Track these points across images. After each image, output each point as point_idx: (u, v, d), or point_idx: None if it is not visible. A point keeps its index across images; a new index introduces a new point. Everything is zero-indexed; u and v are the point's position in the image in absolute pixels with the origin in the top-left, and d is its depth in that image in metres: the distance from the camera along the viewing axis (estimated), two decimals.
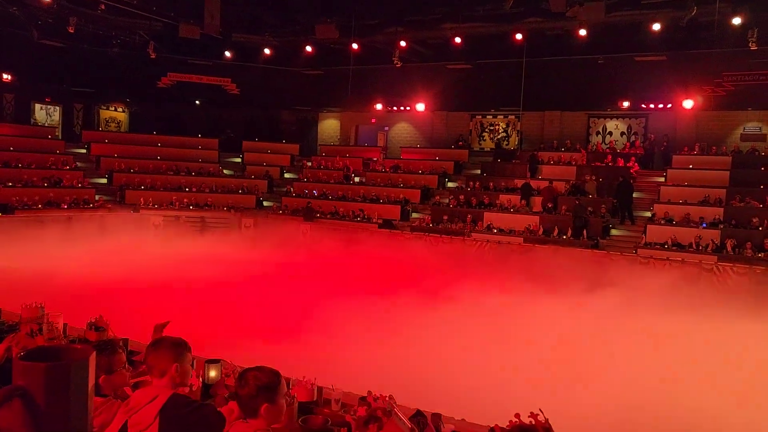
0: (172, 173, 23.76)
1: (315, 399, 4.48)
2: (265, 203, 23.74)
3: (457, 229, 18.88)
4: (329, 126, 28.66)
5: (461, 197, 20.66)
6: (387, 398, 5.58)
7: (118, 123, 27.56)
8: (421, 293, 12.98)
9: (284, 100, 27.81)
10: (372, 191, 22.40)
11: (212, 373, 4.24)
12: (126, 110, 27.73)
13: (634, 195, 18.57)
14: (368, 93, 25.80)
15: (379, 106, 26.08)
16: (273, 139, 27.10)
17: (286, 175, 25.71)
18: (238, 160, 26.04)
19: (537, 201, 19.33)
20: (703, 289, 13.85)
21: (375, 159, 25.26)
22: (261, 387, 2.49)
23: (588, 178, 19.65)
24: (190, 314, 9.35)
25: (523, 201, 19.45)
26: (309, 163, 25.74)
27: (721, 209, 17.03)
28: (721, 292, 13.86)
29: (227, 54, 25.21)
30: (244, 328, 9.76)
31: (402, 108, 26.10)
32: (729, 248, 15.48)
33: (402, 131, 26.58)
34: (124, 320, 5.40)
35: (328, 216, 21.50)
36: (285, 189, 24.31)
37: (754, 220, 16.15)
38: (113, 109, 27.38)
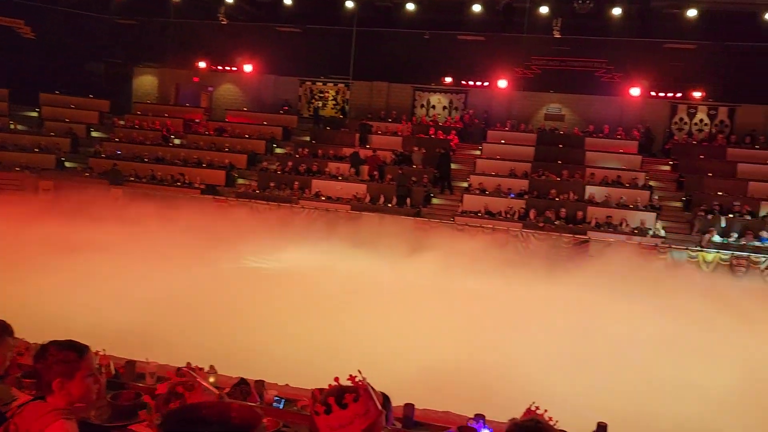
0: None
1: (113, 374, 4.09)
2: (67, 164, 21.22)
3: (285, 197, 18.54)
4: (146, 82, 26.35)
5: (289, 164, 20.28)
6: (207, 369, 5.26)
7: None
8: (244, 261, 12.55)
9: (92, 50, 24.92)
10: (194, 155, 21.11)
11: None
12: None
13: (454, 166, 19.65)
14: (191, 49, 24.14)
15: (202, 65, 24.55)
16: (78, 93, 24.21)
17: (94, 134, 23.23)
18: (35, 114, 22.94)
19: (366, 169, 19.63)
20: (509, 253, 15.11)
21: (197, 121, 23.80)
22: (59, 361, 2.17)
23: (415, 149, 20.40)
24: None
25: (352, 169, 19.64)
26: (122, 122, 23.48)
27: (527, 181, 18.70)
28: (524, 256, 15.25)
29: None
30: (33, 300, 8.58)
31: (228, 68, 24.83)
32: (532, 217, 17.08)
33: (227, 93, 25.32)
34: None
35: (144, 180, 19.86)
36: (93, 149, 21.95)
37: (552, 192, 17.98)
38: None
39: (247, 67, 24.12)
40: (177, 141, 22.48)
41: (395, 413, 4.52)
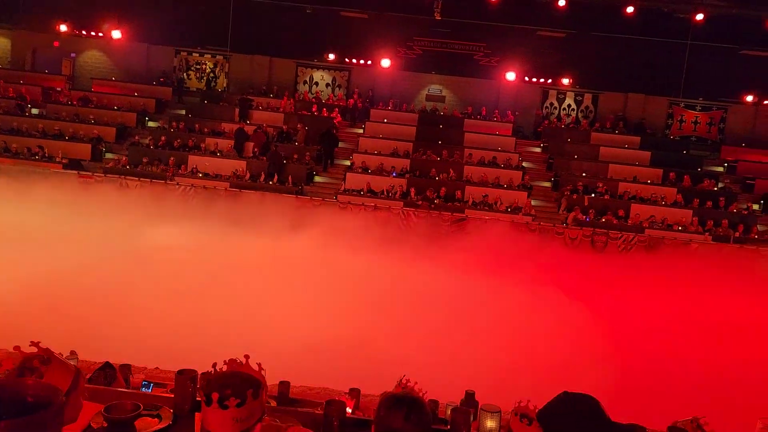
0: None
1: None
2: None
3: (159, 173, 17.54)
4: None
5: (163, 138, 19.18)
6: (67, 354, 4.81)
7: None
8: (110, 240, 11.74)
9: None
10: (55, 126, 19.33)
11: None
12: None
13: (339, 144, 19.58)
14: (50, 10, 21.98)
15: (64, 28, 22.45)
16: None
17: None
18: None
19: (249, 146, 19.01)
20: (390, 231, 15.31)
21: (59, 89, 21.80)
22: None
23: (299, 126, 20.02)
24: None
25: (236, 146, 18.91)
26: None
27: (408, 161, 19.01)
28: (404, 233, 15.52)
29: None
30: None
31: (94, 33, 22.90)
32: (413, 195, 17.42)
33: (93, 60, 23.38)
34: None
35: None
36: None
37: (433, 171, 18.43)
38: None
39: (116, 33, 22.37)
40: (35, 111, 20.45)
41: (271, 391, 4.42)
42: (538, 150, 21.03)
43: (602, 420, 1.77)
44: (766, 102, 21.85)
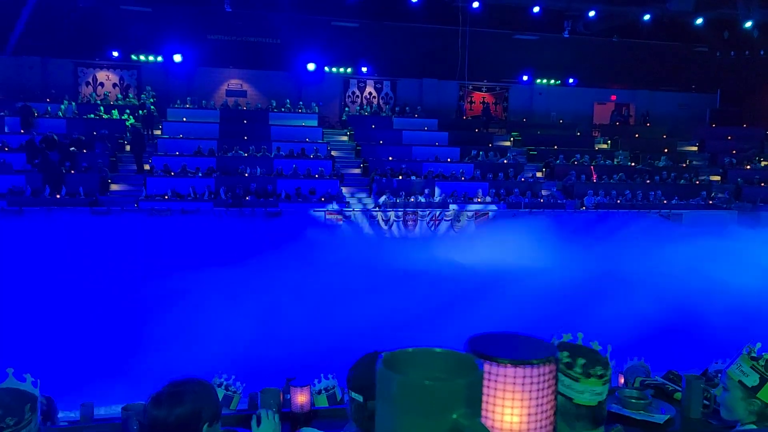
0: None
1: None
2: None
3: None
4: None
5: None
6: None
7: None
8: None
9: None
10: None
11: None
12: None
13: None
14: None
15: None
16: None
17: None
18: None
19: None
20: (201, 233, 14.48)
21: None
22: None
23: (95, 132, 18.14)
24: None
25: (29, 161, 16.59)
26: None
27: (214, 159, 18.18)
28: (216, 235, 14.80)
29: None
30: None
31: None
32: (223, 194, 16.70)
33: None
34: None
35: None
36: None
37: (241, 168, 17.84)
38: None
39: None
40: None
41: (72, 418, 3.86)
42: (345, 138, 21.37)
43: None
44: (538, 81, 24.46)
